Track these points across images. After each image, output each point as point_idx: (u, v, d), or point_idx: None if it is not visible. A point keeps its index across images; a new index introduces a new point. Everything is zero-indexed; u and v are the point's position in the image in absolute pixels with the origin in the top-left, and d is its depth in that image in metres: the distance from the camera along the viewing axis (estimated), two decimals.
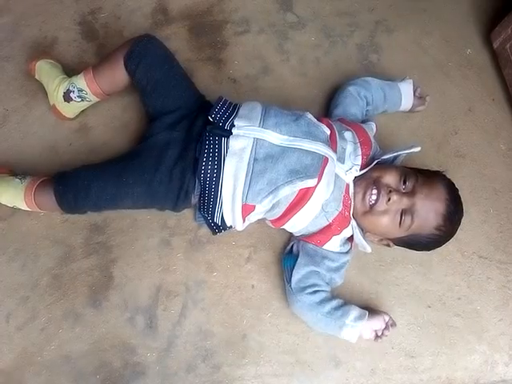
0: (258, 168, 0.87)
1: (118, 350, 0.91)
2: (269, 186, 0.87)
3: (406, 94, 1.10)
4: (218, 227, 0.96)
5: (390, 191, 0.87)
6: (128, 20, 1.15)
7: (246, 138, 0.88)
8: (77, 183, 0.90)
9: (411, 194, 0.88)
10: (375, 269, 1.03)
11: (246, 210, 0.90)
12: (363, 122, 1.05)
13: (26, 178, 0.94)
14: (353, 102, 1.06)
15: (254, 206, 0.89)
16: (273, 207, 0.90)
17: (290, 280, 0.93)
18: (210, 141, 0.90)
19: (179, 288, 0.96)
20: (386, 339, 0.97)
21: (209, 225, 0.97)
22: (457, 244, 1.07)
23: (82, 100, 1.00)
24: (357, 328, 0.91)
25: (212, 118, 0.91)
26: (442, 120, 1.17)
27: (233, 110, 0.93)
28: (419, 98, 1.14)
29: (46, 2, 1.13)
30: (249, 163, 0.87)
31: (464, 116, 1.18)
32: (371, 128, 1.02)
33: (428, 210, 0.87)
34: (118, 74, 0.96)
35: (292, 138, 0.88)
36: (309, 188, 0.87)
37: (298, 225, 0.93)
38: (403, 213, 0.87)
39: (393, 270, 1.03)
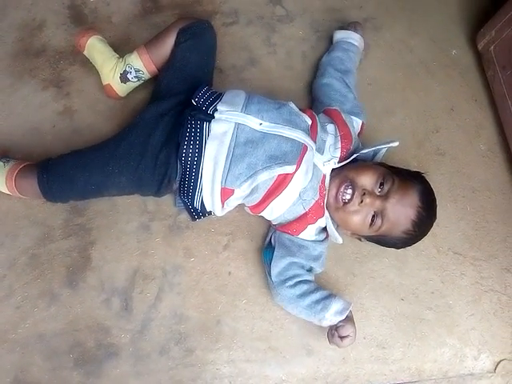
0: (238, 152, 0.88)
1: (92, 331, 0.92)
2: (248, 170, 0.88)
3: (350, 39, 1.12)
4: (198, 213, 0.97)
5: (364, 193, 0.88)
6: (117, 6, 1.15)
7: (227, 123, 0.89)
8: (62, 173, 0.90)
9: (385, 197, 0.88)
10: (351, 261, 1.04)
11: (225, 194, 0.91)
12: (352, 113, 1.04)
13: (9, 162, 0.94)
14: (330, 89, 1.07)
15: (233, 191, 0.90)
16: (252, 192, 0.91)
17: (271, 274, 0.94)
18: (191, 124, 0.91)
19: (156, 272, 0.97)
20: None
21: (188, 210, 0.97)
22: (433, 239, 1.09)
23: (138, 80, 1.03)
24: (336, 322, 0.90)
25: (195, 101, 0.92)
26: (424, 118, 1.19)
27: (217, 96, 0.94)
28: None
29: None
30: (229, 147, 0.88)
31: (446, 115, 1.20)
32: (352, 125, 1.03)
33: (399, 215, 0.88)
34: (168, 43, 1.00)
35: (273, 125, 0.90)
36: (287, 174, 0.88)
37: (275, 211, 0.94)
38: (375, 215, 0.89)
39: (369, 263, 1.05)
